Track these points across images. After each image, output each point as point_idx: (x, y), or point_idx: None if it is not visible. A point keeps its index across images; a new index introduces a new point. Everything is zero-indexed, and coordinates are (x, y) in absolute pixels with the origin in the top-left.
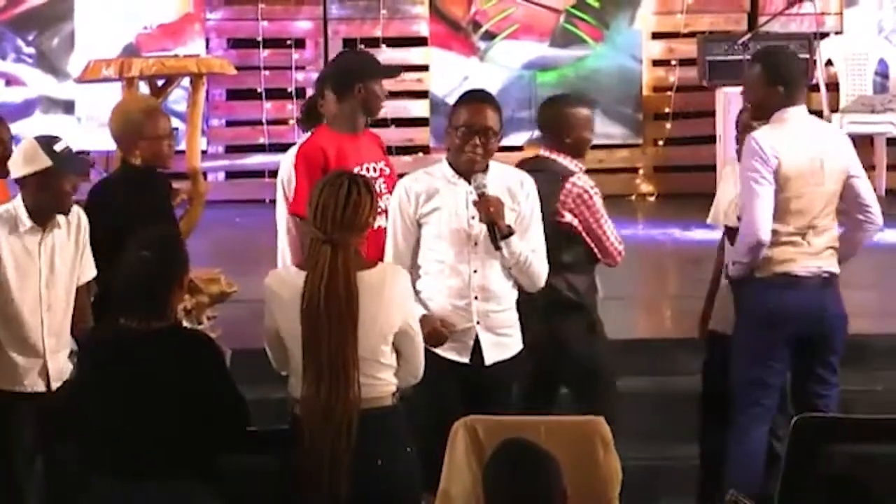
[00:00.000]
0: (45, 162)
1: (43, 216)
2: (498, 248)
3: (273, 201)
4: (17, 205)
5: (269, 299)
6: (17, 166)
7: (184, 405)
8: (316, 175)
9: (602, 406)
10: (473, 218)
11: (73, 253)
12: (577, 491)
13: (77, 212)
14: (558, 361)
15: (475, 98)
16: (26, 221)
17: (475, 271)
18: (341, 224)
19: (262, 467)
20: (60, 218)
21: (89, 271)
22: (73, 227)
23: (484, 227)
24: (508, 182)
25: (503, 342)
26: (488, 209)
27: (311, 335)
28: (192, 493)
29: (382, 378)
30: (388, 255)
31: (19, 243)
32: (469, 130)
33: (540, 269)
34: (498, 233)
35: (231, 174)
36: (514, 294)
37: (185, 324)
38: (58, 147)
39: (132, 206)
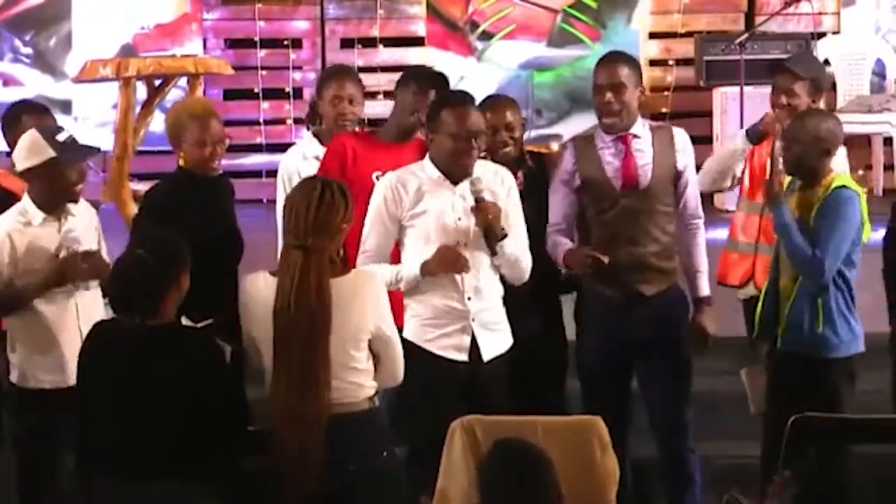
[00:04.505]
0: (49, 153)
1: (53, 207)
2: (495, 252)
3: (270, 201)
4: (24, 201)
5: (243, 302)
6: (22, 159)
7: (183, 404)
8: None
9: None
10: (460, 219)
11: (97, 242)
12: (574, 491)
13: (86, 205)
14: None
15: (465, 102)
16: (37, 215)
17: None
18: (314, 229)
19: (262, 467)
20: (72, 206)
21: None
22: (88, 216)
23: (472, 227)
24: (490, 179)
25: (498, 337)
26: (487, 216)
27: (282, 340)
28: (191, 492)
29: (356, 382)
30: (363, 253)
31: (37, 237)
32: (469, 136)
33: (527, 263)
34: (494, 238)
35: (228, 174)
36: (501, 289)
37: (185, 321)
38: (60, 137)
39: (179, 209)
